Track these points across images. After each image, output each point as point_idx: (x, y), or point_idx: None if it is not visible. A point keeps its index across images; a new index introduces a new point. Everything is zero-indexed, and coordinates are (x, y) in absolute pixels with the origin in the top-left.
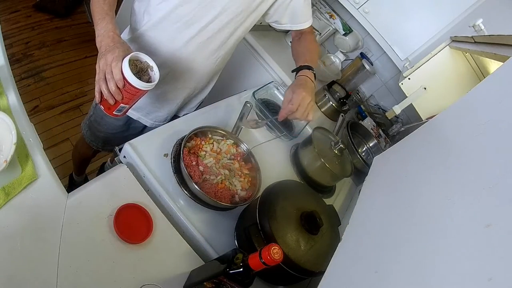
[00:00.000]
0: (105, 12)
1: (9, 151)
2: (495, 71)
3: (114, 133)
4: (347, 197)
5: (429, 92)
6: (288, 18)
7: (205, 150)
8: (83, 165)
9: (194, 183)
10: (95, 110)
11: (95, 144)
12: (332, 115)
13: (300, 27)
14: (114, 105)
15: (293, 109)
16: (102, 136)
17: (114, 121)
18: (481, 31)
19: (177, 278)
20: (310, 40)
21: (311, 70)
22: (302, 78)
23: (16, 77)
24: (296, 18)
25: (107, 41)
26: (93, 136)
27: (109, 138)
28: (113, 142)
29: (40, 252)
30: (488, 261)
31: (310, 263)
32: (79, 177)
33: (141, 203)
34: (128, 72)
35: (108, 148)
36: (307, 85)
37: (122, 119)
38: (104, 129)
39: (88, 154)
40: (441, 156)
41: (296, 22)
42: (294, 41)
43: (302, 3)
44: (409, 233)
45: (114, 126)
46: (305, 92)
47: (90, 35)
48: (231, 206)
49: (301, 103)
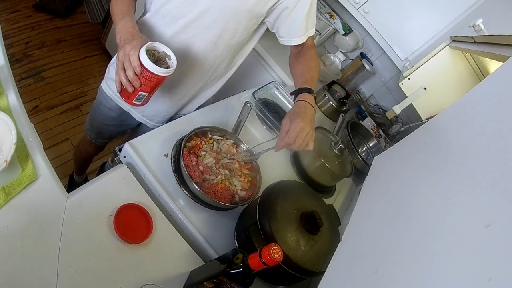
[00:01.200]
0: (124, 12)
1: (9, 151)
2: (495, 71)
3: (107, 124)
4: (347, 197)
5: (429, 92)
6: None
7: (205, 150)
8: (84, 164)
9: (194, 183)
10: (97, 96)
11: (89, 133)
12: (332, 115)
13: (299, 41)
14: (133, 93)
15: (290, 142)
16: (96, 126)
17: (108, 111)
18: (481, 31)
19: (177, 278)
20: (310, 55)
21: (311, 94)
22: (301, 104)
23: (16, 77)
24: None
25: (126, 35)
26: (89, 125)
27: (101, 129)
28: (105, 134)
29: (40, 252)
30: (488, 261)
31: (310, 263)
32: (80, 177)
33: (141, 203)
34: (145, 58)
35: (100, 141)
36: (306, 113)
37: (115, 110)
38: (99, 118)
39: (89, 152)
40: (441, 156)
41: (295, 35)
42: (293, 55)
43: (305, 14)
44: (409, 233)
45: (107, 116)
46: (303, 122)
47: (90, 35)
48: (231, 206)
49: (299, 134)
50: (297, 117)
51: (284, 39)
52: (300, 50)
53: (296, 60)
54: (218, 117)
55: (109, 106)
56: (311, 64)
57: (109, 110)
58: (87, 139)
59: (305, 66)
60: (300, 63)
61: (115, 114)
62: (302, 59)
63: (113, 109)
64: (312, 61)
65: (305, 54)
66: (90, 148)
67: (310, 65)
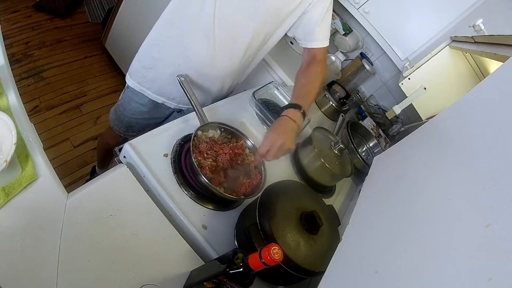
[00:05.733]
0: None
1: (9, 151)
2: (495, 71)
3: (137, 118)
4: (347, 197)
5: (429, 92)
6: (302, 32)
7: (211, 144)
8: (108, 157)
9: (203, 175)
10: (123, 95)
11: (117, 128)
12: (332, 115)
13: (311, 45)
14: None
15: (262, 154)
16: (126, 121)
17: (140, 107)
18: (481, 31)
19: (177, 278)
20: (316, 72)
21: (297, 109)
22: (281, 119)
23: (16, 77)
24: (309, 35)
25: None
26: (118, 120)
27: (131, 123)
28: (135, 127)
29: (40, 252)
30: (488, 261)
31: (310, 263)
32: (101, 170)
33: (141, 203)
34: None
35: (129, 134)
36: (283, 126)
37: (148, 105)
38: (129, 114)
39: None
40: (441, 156)
41: (309, 39)
42: (302, 67)
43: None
44: (409, 233)
45: (139, 111)
46: (276, 134)
47: (90, 35)
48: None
49: (271, 146)
50: (272, 130)
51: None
52: (310, 62)
53: (301, 75)
54: (218, 117)
55: (141, 102)
56: (311, 81)
57: (141, 106)
58: (115, 134)
59: (304, 82)
60: (302, 79)
61: (147, 109)
62: (306, 76)
63: (145, 105)
64: (315, 79)
65: (311, 69)
66: (114, 139)
67: (310, 82)
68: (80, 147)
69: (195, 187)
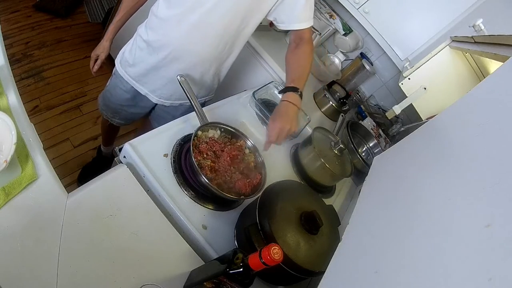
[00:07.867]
0: None
1: (9, 151)
2: (495, 71)
3: (122, 105)
4: (347, 197)
5: (429, 92)
6: (286, 15)
7: (211, 144)
8: (111, 135)
9: (203, 175)
10: (110, 81)
11: (105, 113)
12: (332, 115)
13: (298, 26)
14: None
15: (272, 141)
16: (112, 107)
17: (123, 93)
18: (481, 31)
19: (177, 278)
20: (305, 52)
21: (295, 92)
22: (283, 104)
23: (16, 77)
24: (294, 16)
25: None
26: (105, 106)
27: (117, 110)
28: (122, 115)
29: (40, 252)
30: (488, 261)
31: (310, 263)
32: (107, 148)
33: (141, 203)
34: None
35: (116, 120)
36: (287, 113)
37: (130, 92)
38: (115, 100)
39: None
40: (441, 156)
41: (294, 20)
42: (291, 48)
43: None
44: (409, 233)
45: (122, 98)
46: (283, 121)
47: (90, 35)
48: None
49: (279, 134)
50: (278, 117)
51: (284, 24)
52: (298, 43)
53: (291, 56)
54: (218, 118)
55: (125, 88)
56: (303, 61)
57: (125, 93)
58: (104, 119)
59: (296, 64)
60: (294, 59)
61: (129, 96)
62: (296, 57)
63: (128, 91)
64: (306, 60)
65: (300, 49)
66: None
67: (301, 62)
68: (80, 147)
69: (195, 187)
